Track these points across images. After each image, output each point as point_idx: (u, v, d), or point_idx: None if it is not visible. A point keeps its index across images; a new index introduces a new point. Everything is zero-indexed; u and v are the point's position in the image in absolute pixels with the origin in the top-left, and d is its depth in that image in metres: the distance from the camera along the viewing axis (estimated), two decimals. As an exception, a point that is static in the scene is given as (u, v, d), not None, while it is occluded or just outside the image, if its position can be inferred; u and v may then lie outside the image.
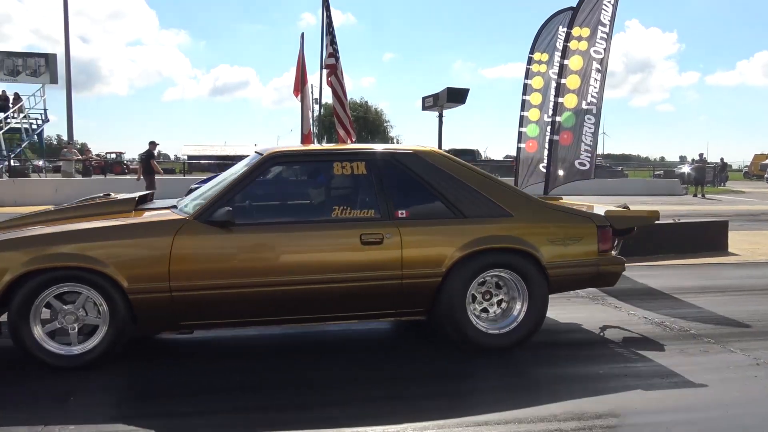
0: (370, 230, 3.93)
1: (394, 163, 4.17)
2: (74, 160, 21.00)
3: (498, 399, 3.35)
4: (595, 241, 4.24)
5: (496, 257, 4.08)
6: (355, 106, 51.32)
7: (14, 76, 25.85)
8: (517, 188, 4.58)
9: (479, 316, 4.12)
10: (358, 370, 3.86)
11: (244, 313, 3.92)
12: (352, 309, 4.04)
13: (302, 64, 9.24)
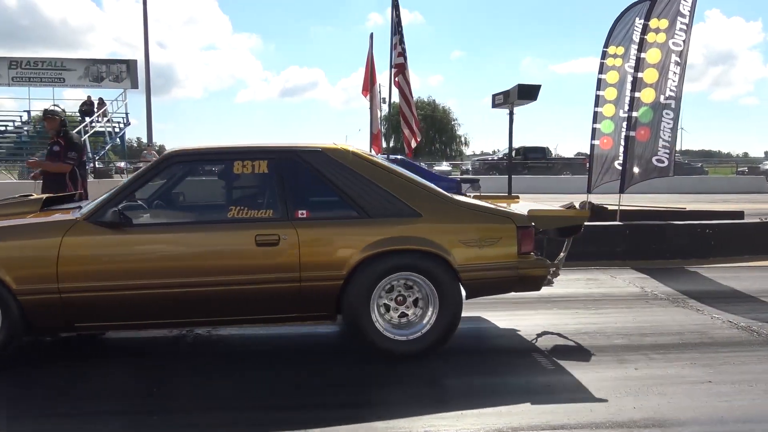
0: (265, 231, 3.76)
1: (299, 162, 4.00)
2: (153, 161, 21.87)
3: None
4: (515, 242, 3.92)
5: (401, 259, 3.83)
6: (422, 104, 51.19)
7: (98, 82, 27.15)
8: (430, 186, 4.13)
9: (389, 322, 3.88)
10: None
11: (138, 316, 3.79)
12: (249, 312, 3.89)
13: (371, 64, 9.30)
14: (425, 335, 3.86)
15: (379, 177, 3.97)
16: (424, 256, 3.83)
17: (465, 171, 34.86)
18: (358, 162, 4.01)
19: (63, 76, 26.99)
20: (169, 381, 3.64)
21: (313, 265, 3.76)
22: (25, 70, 26.74)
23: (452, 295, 3.87)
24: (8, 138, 25.66)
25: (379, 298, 3.86)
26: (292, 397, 3.34)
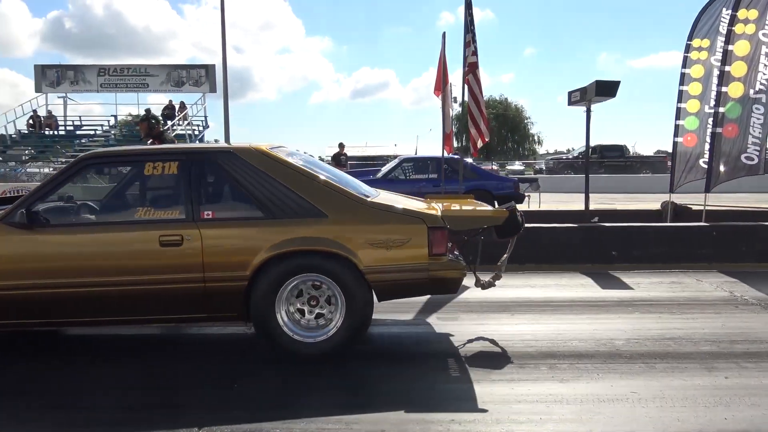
0: (169, 231, 3.76)
1: (208, 163, 3.99)
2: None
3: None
4: (425, 243, 3.77)
5: (306, 261, 3.77)
6: (494, 103, 50.56)
7: (179, 86, 28.27)
8: (342, 187, 4.00)
9: (297, 323, 3.82)
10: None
11: (49, 314, 3.86)
12: (158, 312, 3.89)
13: (443, 64, 9.25)
14: (331, 337, 3.80)
15: (287, 178, 3.90)
16: (328, 257, 3.76)
17: (538, 170, 34.20)
18: (267, 163, 3.95)
19: (146, 82, 28.25)
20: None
21: (217, 265, 3.75)
22: (112, 76, 28.16)
23: (359, 297, 3.77)
24: (97, 141, 27.03)
25: (287, 300, 3.80)
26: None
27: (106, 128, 28.52)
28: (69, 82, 28.16)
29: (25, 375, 3.80)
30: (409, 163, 12.98)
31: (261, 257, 3.71)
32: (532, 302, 5.37)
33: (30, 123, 27.51)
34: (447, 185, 12.03)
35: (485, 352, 4.01)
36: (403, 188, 12.36)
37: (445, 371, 3.69)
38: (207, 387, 3.54)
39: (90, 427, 3.03)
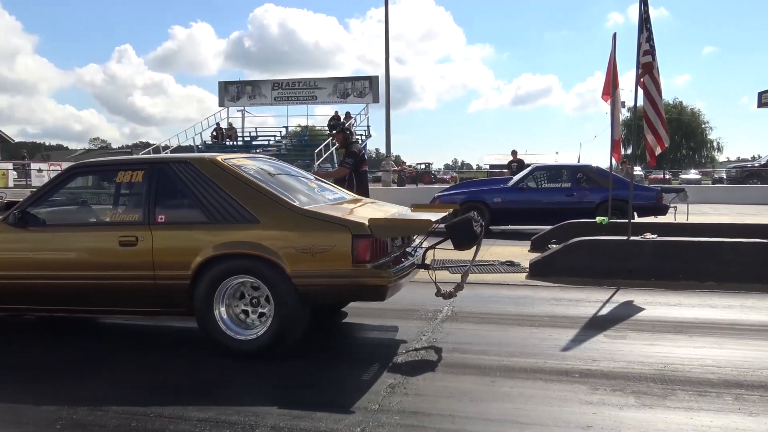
0: (127, 232, 4.19)
1: (168, 172, 4.34)
2: (391, 171, 23.11)
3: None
4: (349, 250, 3.82)
5: (238, 263, 4.01)
6: (667, 107, 47.15)
7: (344, 98, 29.59)
8: (278, 196, 4.14)
9: (237, 321, 4.06)
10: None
11: (28, 302, 4.51)
12: (118, 305, 4.38)
13: (614, 67, 8.76)
14: (261, 336, 3.99)
15: (231, 186, 4.16)
16: (258, 260, 3.95)
17: (717, 179, 31.33)
18: (217, 172, 4.25)
19: (315, 94, 29.89)
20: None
21: (165, 264, 4.11)
22: (285, 90, 30.14)
23: (287, 300, 3.92)
24: (269, 151, 29.01)
25: (225, 298, 4.04)
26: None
27: (278, 138, 30.55)
28: (247, 96, 30.58)
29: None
30: (541, 172, 12.51)
31: (200, 258, 4.01)
32: (713, 324, 4.87)
33: (213, 134, 30.21)
34: (581, 194, 11.55)
35: (658, 375, 3.69)
36: (533, 197, 12.07)
37: (614, 393, 3.44)
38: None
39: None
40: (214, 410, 3.19)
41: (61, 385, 3.64)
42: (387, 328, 4.86)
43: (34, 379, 3.79)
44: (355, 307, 5.55)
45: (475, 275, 7.00)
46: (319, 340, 4.53)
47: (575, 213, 10.94)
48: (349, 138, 7.75)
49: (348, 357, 4.11)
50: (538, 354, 4.11)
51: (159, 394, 3.43)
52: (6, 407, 3.29)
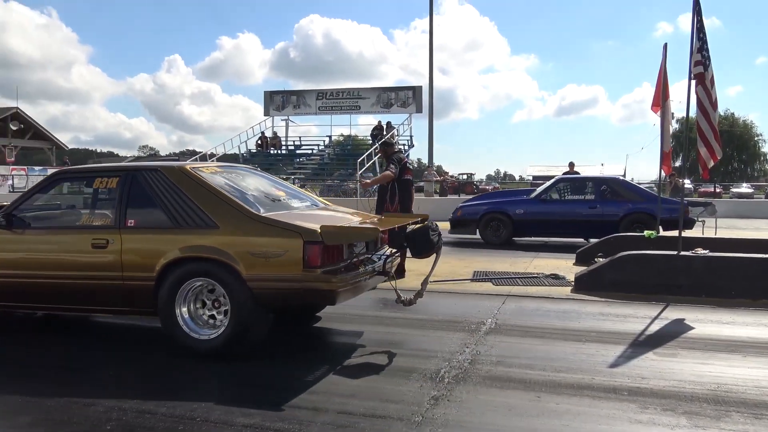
0: (98, 235, 4.43)
1: (139, 179, 4.56)
2: (433, 181, 23.06)
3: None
4: (300, 256, 3.98)
5: (198, 266, 4.19)
6: (719, 119, 45.94)
7: (388, 108, 29.71)
8: (238, 203, 4.32)
9: (196, 321, 4.24)
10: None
11: (9, 298, 4.76)
12: (90, 303, 4.60)
13: (664, 78, 8.57)
14: (218, 337, 4.15)
15: (195, 193, 4.37)
16: (215, 264, 4.13)
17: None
18: (183, 179, 4.46)
19: (358, 104, 30.09)
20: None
21: (132, 266, 4.33)
22: (329, 99, 30.43)
23: (242, 302, 4.08)
24: (313, 160, 29.35)
25: (186, 299, 4.23)
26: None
27: (321, 147, 30.82)
28: (292, 105, 30.97)
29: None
30: (565, 184, 12.34)
31: (163, 261, 4.21)
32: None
33: (258, 143, 30.70)
34: (604, 207, 11.33)
35: (710, 396, 3.56)
36: (555, 209, 11.91)
37: (665, 413, 3.33)
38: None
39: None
40: (259, 416, 3.21)
41: (105, 386, 3.72)
42: (428, 339, 4.83)
43: (77, 379, 3.89)
44: (396, 318, 5.55)
45: (519, 287, 6.92)
46: (363, 350, 4.53)
47: (598, 226, 10.96)
48: (388, 150, 7.79)
49: (390, 368, 4.09)
50: (585, 370, 4.02)
51: (205, 399, 3.47)
52: (55, 406, 3.37)
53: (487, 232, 11.69)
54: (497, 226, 11.65)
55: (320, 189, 25.74)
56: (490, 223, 11.69)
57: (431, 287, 6.86)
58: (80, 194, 5.32)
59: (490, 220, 11.72)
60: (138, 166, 4.88)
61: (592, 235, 11.47)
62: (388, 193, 7.41)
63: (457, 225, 12.03)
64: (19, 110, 35.20)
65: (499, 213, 11.69)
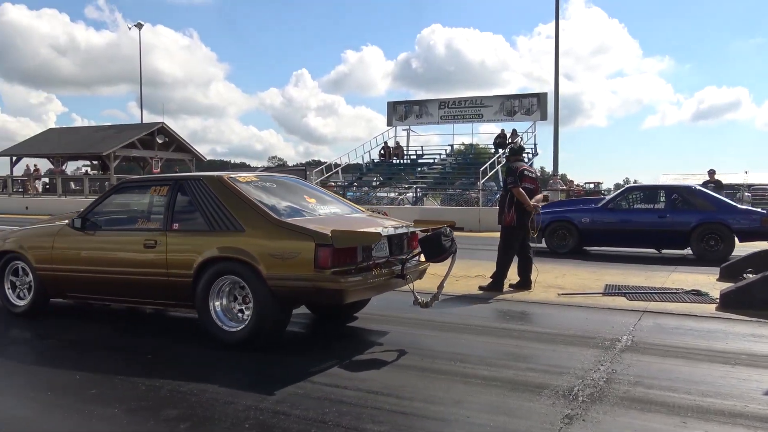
0: (149, 237, 5.00)
1: (184, 187, 5.10)
2: (559, 191, 22.35)
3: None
4: (312, 257, 4.32)
5: (225, 265, 4.65)
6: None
7: (511, 116, 29.15)
8: (262, 208, 4.75)
9: (227, 314, 4.70)
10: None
11: (84, 291, 5.53)
12: (141, 296, 5.22)
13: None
14: (243, 329, 4.60)
15: (227, 199, 4.85)
16: (240, 263, 4.57)
17: None
18: (220, 188, 4.95)
19: (481, 112, 29.78)
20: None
21: (175, 264, 4.85)
22: (451, 108, 30.37)
23: (263, 299, 4.49)
24: (435, 169, 29.40)
25: (219, 294, 4.69)
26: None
27: (443, 156, 30.82)
28: (414, 115, 31.22)
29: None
30: (635, 192, 11.82)
31: (199, 260, 4.70)
32: None
33: (381, 153, 31.22)
34: (674, 216, 10.72)
35: None
36: (623, 218, 11.31)
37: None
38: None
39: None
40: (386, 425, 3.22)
41: (241, 385, 3.87)
42: (559, 354, 4.64)
43: (212, 375, 4.09)
44: (524, 330, 5.41)
45: (656, 303, 6.50)
46: (490, 363, 4.43)
47: (668, 236, 10.69)
48: (510, 159, 7.66)
49: (519, 383, 3.95)
50: (736, 396, 3.68)
51: (340, 403, 3.54)
52: (198, 402, 3.56)
53: (553, 241, 11.43)
54: (564, 234, 11.40)
55: (442, 198, 25.76)
56: (556, 231, 11.44)
57: (560, 300, 6.64)
58: (140, 201, 5.83)
59: (555, 229, 11.46)
60: (184, 176, 5.49)
61: (662, 245, 11.17)
62: (507, 202, 7.24)
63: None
64: (164, 125, 38.13)
65: (563, 222, 11.41)
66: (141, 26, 44.12)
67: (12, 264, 5.91)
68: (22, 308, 5.85)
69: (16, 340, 5.28)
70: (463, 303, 6.64)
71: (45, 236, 5.75)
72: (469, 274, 8.36)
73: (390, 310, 5.72)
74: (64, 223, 5.67)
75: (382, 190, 27.14)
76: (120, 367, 4.28)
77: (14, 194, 30.66)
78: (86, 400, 3.60)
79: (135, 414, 3.39)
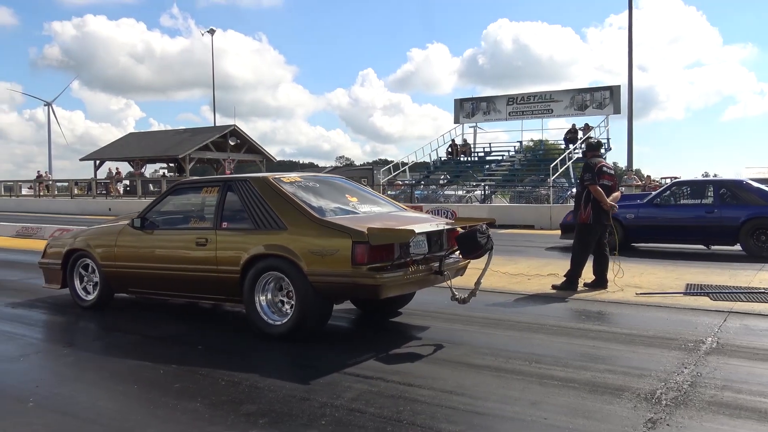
0: (201, 235, 5.29)
1: (234, 188, 5.34)
2: (634, 186, 21.65)
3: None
4: (349, 254, 4.47)
5: (269, 261, 4.87)
6: None
7: (582, 110, 28.42)
8: (304, 207, 4.95)
9: (271, 308, 4.94)
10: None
11: (144, 286, 5.88)
12: (195, 291, 5.50)
13: None
14: (286, 323, 4.82)
15: (273, 199, 5.06)
16: (283, 260, 4.77)
17: None
18: (264, 188, 5.17)
19: (551, 107, 29.19)
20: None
21: (224, 260, 5.10)
22: (520, 104, 29.90)
23: (305, 293, 4.68)
24: (503, 166, 29.03)
25: (263, 289, 4.92)
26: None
27: (512, 153, 30.38)
28: (482, 112, 30.92)
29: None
30: (682, 187, 11.38)
31: (245, 257, 4.95)
32: None
33: (448, 151, 31.08)
34: (723, 211, 10.30)
35: None
36: (669, 214, 10.89)
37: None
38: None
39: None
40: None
41: (314, 383, 3.94)
42: (639, 356, 4.48)
43: (302, 374, 4.17)
44: (601, 331, 5.27)
45: (742, 304, 6.20)
46: (566, 363, 4.33)
47: (716, 231, 10.37)
48: (587, 154, 7.44)
49: (597, 384, 3.84)
50: None
51: (414, 402, 3.55)
52: (276, 398, 3.64)
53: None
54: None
55: (511, 196, 25.39)
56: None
57: (638, 300, 6.42)
58: (193, 201, 6.13)
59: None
60: (233, 177, 5.72)
61: (710, 241, 10.77)
62: (583, 199, 7.05)
63: (566, 230, 11.53)
64: (236, 127, 39.23)
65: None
66: (213, 32, 45.68)
67: (81, 261, 6.28)
68: (90, 302, 6.21)
69: (100, 336, 5.54)
70: (537, 302, 6.52)
71: (109, 235, 6.09)
72: (542, 272, 8.21)
73: (459, 308, 5.67)
74: (126, 222, 6.00)
75: (449, 188, 27.00)
76: (200, 362, 4.43)
77: (98, 196, 32.23)
78: (170, 394, 3.74)
79: (217, 408, 3.50)
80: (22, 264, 9.69)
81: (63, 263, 6.35)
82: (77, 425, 3.34)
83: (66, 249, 6.37)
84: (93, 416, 3.45)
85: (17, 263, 10.05)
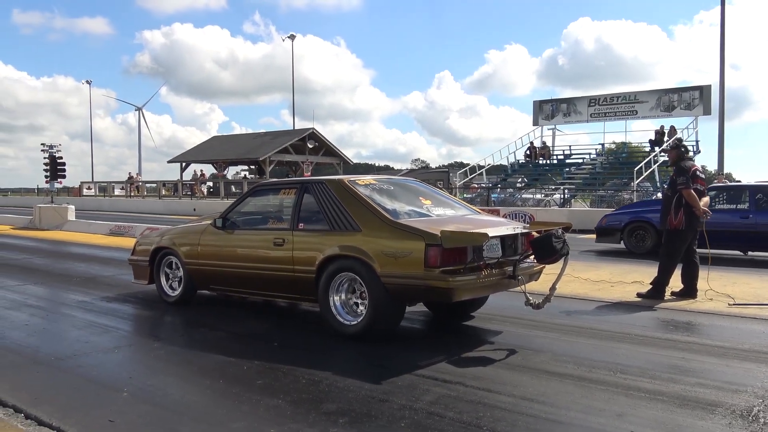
0: (278, 235, 5.44)
1: (310, 190, 5.46)
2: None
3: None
4: (422, 257, 4.51)
5: (343, 262, 4.93)
6: None
7: (669, 111, 27.27)
8: (378, 209, 4.99)
9: (344, 308, 5.01)
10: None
11: (224, 284, 6.10)
12: (271, 289, 5.66)
13: None
14: (359, 323, 4.89)
15: (348, 201, 5.14)
16: (357, 261, 4.83)
17: None
18: (340, 190, 5.25)
19: (635, 109, 28.19)
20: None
21: (300, 261, 5.23)
22: (602, 106, 29.03)
23: (378, 294, 4.73)
24: (584, 169, 28.22)
25: (338, 290, 5.01)
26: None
27: (593, 156, 29.49)
28: (562, 114, 30.22)
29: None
30: (718, 192, 10.96)
31: (320, 258, 5.04)
32: None
33: (527, 153, 30.54)
34: (758, 217, 10.02)
35: None
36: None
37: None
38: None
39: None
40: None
41: (393, 385, 3.95)
42: (733, 370, 4.25)
43: (377, 373, 4.20)
44: (690, 342, 5.03)
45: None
46: (651, 375, 4.16)
47: (752, 237, 10.21)
48: (683, 155, 7.06)
49: (688, 399, 3.67)
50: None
51: (494, 408, 3.50)
52: (356, 398, 3.67)
53: (631, 242, 11.28)
54: (642, 235, 11.18)
55: (591, 199, 24.66)
56: (634, 232, 11.26)
57: (731, 311, 6.09)
58: (271, 202, 6.33)
59: (634, 229, 11.18)
60: (310, 180, 5.83)
61: (746, 247, 10.62)
62: (674, 204, 6.72)
63: (602, 234, 11.77)
64: (315, 130, 40.01)
65: (641, 222, 11.17)
66: (293, 38, 46.72)
67: (166, 259, 6.57)
68: (174, 298, 6.49)
69: (187, 331, 5.75)
70: (621, 310, 6.30)
71: (193, 234, 6.34)
72: (625, 279, 7.92)
73: (538, 314, 5.55)
74: (209, 222, 6.22)
75: (527, 191, 26.51)
76: (281, 359, 4.52)
77: (184, 197, 33.61)
78: (254, 390, 3.85)
79: (298, 405, 3.57)
80: (115, 260, 10.24)
81: (150, 260, 6.66)
82: (168, 417, 3.47)
83: (153, 247, 6.67)
84: (182, 409, 3.59)
85: (111, 260, 10.62)
